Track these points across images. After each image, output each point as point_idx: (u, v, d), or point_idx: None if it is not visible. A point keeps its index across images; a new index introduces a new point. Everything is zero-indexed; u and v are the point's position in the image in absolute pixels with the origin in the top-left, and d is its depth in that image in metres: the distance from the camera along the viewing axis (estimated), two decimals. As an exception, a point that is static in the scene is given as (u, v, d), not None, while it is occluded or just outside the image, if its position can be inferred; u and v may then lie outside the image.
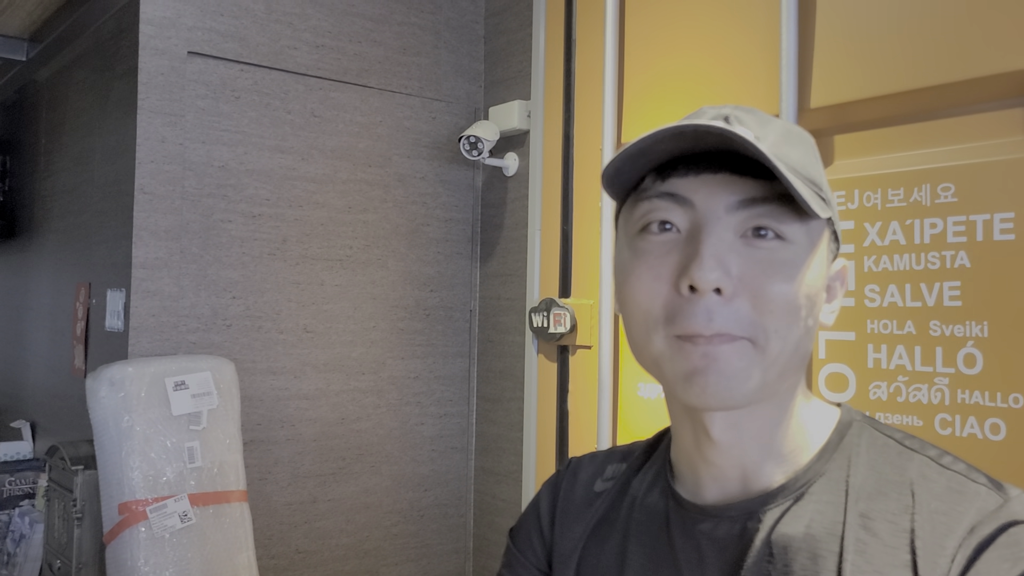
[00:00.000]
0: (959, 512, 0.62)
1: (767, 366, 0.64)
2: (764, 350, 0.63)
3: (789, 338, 0.64)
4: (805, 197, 0.61)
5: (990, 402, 1.46)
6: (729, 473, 0.70)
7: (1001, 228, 1.47)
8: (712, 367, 0.63)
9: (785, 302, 0.64)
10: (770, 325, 0.63)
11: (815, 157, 0.70)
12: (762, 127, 0.68)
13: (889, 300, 1.61)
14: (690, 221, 0.66)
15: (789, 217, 0.65)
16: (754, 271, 0.64)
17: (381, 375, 2.50)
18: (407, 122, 2.56)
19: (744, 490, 0.70)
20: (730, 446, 0.69)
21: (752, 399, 0.65)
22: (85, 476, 1.99)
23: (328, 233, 2.41)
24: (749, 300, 0.63)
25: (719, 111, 0.69)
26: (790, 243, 0.65)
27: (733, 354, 0.63)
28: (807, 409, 0.72)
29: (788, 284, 0.64)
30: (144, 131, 2.11)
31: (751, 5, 1.87)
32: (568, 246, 2.30)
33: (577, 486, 0.84)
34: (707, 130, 0.62)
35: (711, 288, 0.62)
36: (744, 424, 0.68)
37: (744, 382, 0.63)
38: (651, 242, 0.67)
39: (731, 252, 0.64)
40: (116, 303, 2.17)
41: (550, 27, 2.42)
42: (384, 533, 2.50)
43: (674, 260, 0.65)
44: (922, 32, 1.58)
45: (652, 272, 0.66)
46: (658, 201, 0.67)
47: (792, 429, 0.70)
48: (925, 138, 1.60)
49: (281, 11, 2.32)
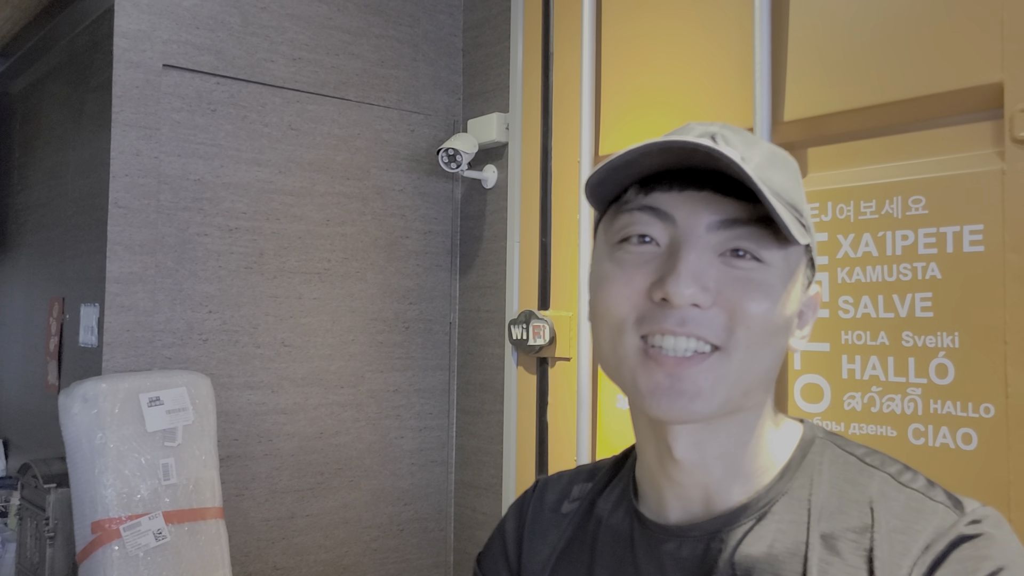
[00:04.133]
0: (916, 531, 0.62)
1: (733, 381, 0.64)
2: (731, 360, 0.63)
3: (759, 355, 0.64)
4: (787, 223, 0.61)
5: (962, 412, 1.47)
6: (692, 493, 0.70)
7: (971, 240, 1.48)
8: (676, 386, 0.63)
9: (762, 319, 0.64)
10: (743, 337, 0.63)
11: (797, 182, 0.71)
12: (748, 148, 0.68)
13: (862, 311, 1.62)
14: (670, 236, 0.66)
15: (768, 241, 0.65)
16: (731, 287, 0.64)
17: (360, 388, 2.49)
18: (385, 135, 2.56)
19: (707, 510, 0.70)
20: (693, 465, 0.69)
21: (716, 414, 0.65)
22: (58, 494, 1.96)
23: (306, 246, 2.40)
24: (725, 312, 0.63)
25: (706, 128, 0.69)
26: (768, 266, 0.65)
27: (699, 374, 0.63)
28: (772, 428, 0.72)
29: (764, 302, 0.64)
30: (118, 144, 2.09)
31: (725, 19, 1.89)
32: (547, 258, 2.31)
33: (544, 508, 0.83)
34: (694, 148, 0.62)
35: (687, 303, 0.63)
36: (707, 443, 0.68)
37: (709, 400, 0.64)
38: (630, 252, 0.67)
39: (709, 269, 0.64)
40: (90, 318, 2.15)
41: (528, 40, 2.43)
42: (363, 548, 2.48)
43: (650, 271, 0.66)
44: (894, 46, 1.60)
45: (626, 278, 0.66)
46: (640, 214, 0.67)
47: (756, 448, 0.70)
48: (897, 151, 1.62)
49: (258, 24, 2.31)
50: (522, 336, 2.30)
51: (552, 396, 2.27)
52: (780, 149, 0.72)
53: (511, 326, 2.34)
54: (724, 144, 0.66)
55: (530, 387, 2.34)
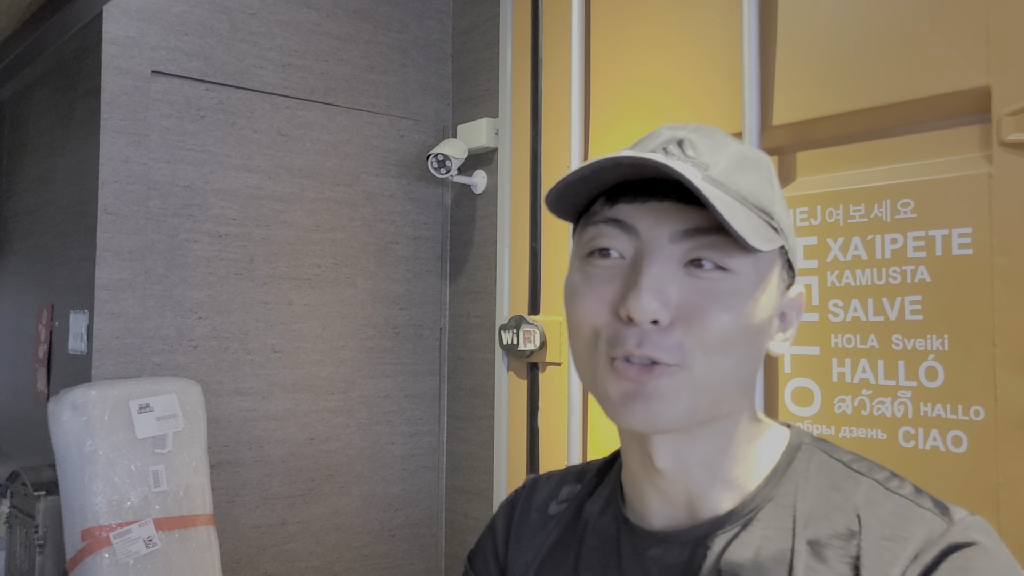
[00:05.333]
0: (904, 538, 0.62)
1: (696, 392, 0.64)
2: (692, 375, 0.63)
3: (721, 365, 0.64)
4: (743, 231, 0.61)
5: (952, 415, 1.48)
6: (676, 499, 0.70)
7: (959, 243, 1.49)
8: (641, 392, 0.63)
9: (720, 331, 0.63)
10: (700, 352, 0.63)
11: (769, 183, 0.70)
12: (714, 152, 0.67)
13: (852, 314, 1.63)
14: (635, 248, 0.66)
15: (733, 248, 0.64)
16: (694, 300, 0.64)
17: (350, 394, 2.48)
18: (375, 140, 2.56)
19: (692, 516, 0.70)
20: (675, 473, 0.69)
21: (684, 423, 0.65)
22: (47, 502, 1.95)
23: (296, 252, 2.39)
24: (683, 328, 0.63)
25: (674, 133, 0.69)
26: (733, 274, 0.64)
27: (661, 378, 0.63)
28: (756, 434, 0.72)
29: (726, 314, 0.63)
30: (107, 151, 2.08)
31: (713, 25, 1.90)
32: (537, 263, 2.31)
33: (532, 508, 0.83)
34: (643, 163, 0.62)
35: (647, 320, 0.63)
36: (687, 452, 0.68)
37: (672, 406, 0.63)
38: (597, 267, 0.67)
39: (672, 281, 0.64)
40: (79, 325, 2.14)
41: (517, 46, 2.43)
42: (355, 554, 2.47)
43: (617, 286, 0.65)
44: (881, 51, 1.61)
45: (595, 295, 0.66)
46: (604, 227, 0.67)
47: (739, 454, 0.70)
48: (885, 155, 1.63)
49: (247, 30, 2.31)
50: (512, 341, 2.30)
51: (543, 401, 2.27)
52: (752, 149, 0.71)
53: (501, 331, 2.34)
54: (690, 149, 0.66)
55: (521, 392, 2.34)
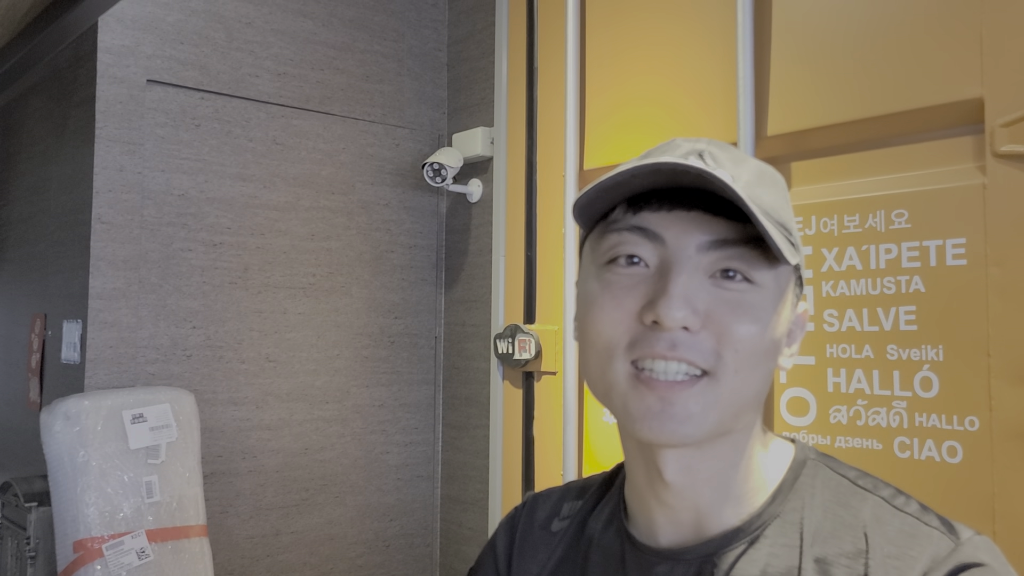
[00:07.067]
0: (912, 557, 0.62)
1: (724, 406, 0.63)
2: (720, 385, 0.63)
3: (749, 379, 0.64)
4: (779, 243, 0.61)
5: (947, 425, 1.48)
6: (683, 516, 0.69)
7: (953, 253, 1.49)
8: (668, 411, 0.62)
9: (750, 342, 0.63)
10: (731, 362, 0.63)
11: (786, 200, 0.70)
12: (736, 166, 0.67)
13: (847, 324, 1.63)
14: (660, 257, 0.65)
15: (759, 261, 0.64)
16: (722, 310, 0.63)
17: (345, 404, 2.48)
18: (370, 149, 2.56)
19: (698, 533, 0.69)
20: (683, 488, 0.68)
21: (707, 437, 0.65)
22: (39, 513, 1.93)
23: (291, 261, 2.39)
24: (714, 335, 0.63)
25: (693, 145, 0.68)
26: (759, 287, 0.64)
27: (690, 399, 0.62)
28: (762, 449, 0.71)
29: (754, 325, 0.63)
30: (102, 160, 2.08)
31: (709, 34, 1.90)
32: (532, 272, 2.31)
33: (534, 526, 0.83)
34: (685, 169, 0.61)
35: (678, 326, 0.62)
36: (697, 466, 0.67)
37: (700, 425, 0.63)
38: (618, 274, 0.66)
39: (700, 291, 0.63)
40: (72, 334, 2.13)
41: (512, 55, 2.43)
42: (349, 565, 2.46)
43: (640, 294, 0.65)
44: (876, 62, 1.61)
45: (616, 302, 0.65)
46: (628, 235, 0.66)
47: (747, 470, 0.69)
48: (879, 165, 1.63)
49: (242, 39, 2.31)
50: (508, 350, 2.30)
51: (538, 410, 2.27)
52: (768, 166, 0.72)
53: (497, 340, 2.34)
54: (713, 163, 0.66)
55: (516, 401, 2.33)
